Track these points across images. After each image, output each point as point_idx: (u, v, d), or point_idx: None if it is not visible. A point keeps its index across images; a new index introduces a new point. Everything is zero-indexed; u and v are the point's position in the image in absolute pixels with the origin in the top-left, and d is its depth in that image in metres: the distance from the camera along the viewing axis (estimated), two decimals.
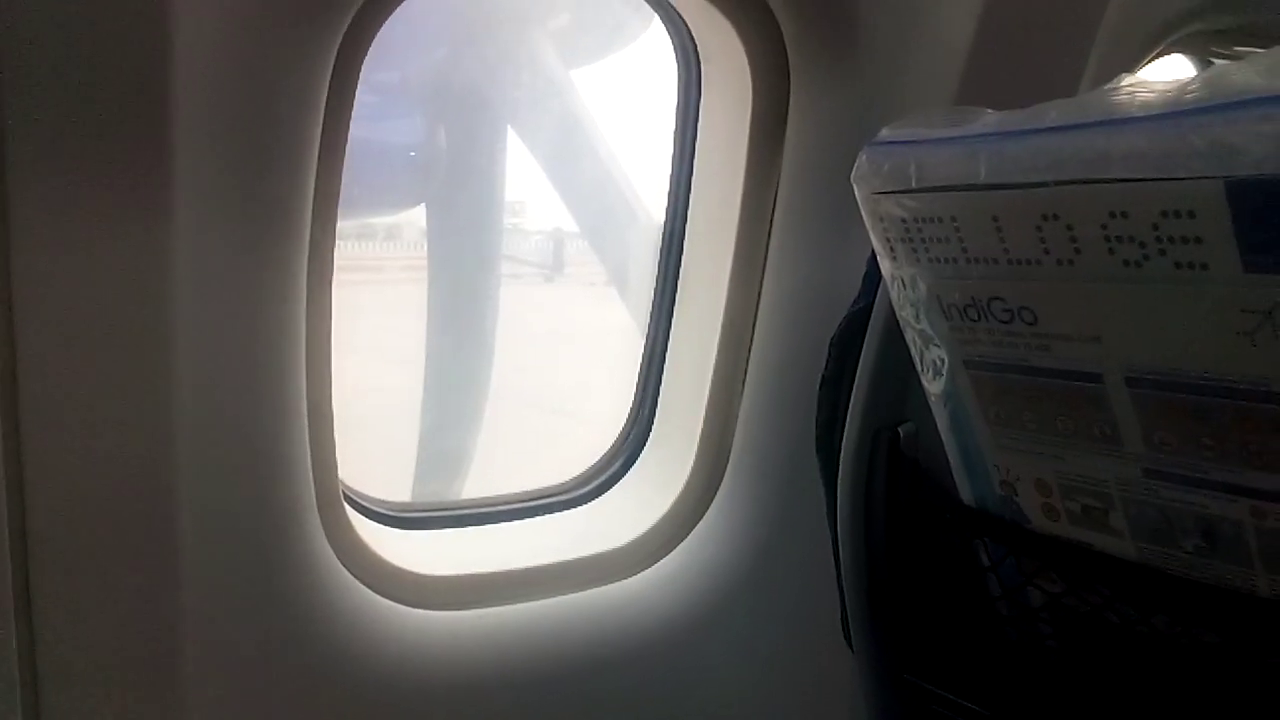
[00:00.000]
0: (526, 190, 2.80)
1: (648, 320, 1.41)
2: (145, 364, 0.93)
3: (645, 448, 1.40)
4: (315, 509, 1.10)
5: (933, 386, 0.80)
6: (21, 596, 0.94)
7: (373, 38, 1.03)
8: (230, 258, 0.98)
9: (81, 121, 0.86)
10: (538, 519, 1.37)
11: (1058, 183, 0.63)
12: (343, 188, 1.09)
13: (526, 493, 1.40)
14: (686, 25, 1.25)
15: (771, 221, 1.24)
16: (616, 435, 1.44)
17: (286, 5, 0.93)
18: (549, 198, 2.78)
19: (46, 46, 0.83)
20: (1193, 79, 0.60)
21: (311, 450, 1.10)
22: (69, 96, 0.85)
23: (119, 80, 0.86)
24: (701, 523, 1.33)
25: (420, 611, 1.18)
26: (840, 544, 1.00)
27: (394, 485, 1.48)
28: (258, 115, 0.96)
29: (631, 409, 1.43)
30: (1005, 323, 0.70)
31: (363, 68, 1.05)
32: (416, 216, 2.75)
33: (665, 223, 1.36)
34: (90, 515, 0.94)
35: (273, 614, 1.08)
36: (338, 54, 0.98)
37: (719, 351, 1.29)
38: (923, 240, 0.72)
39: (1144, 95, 0.63)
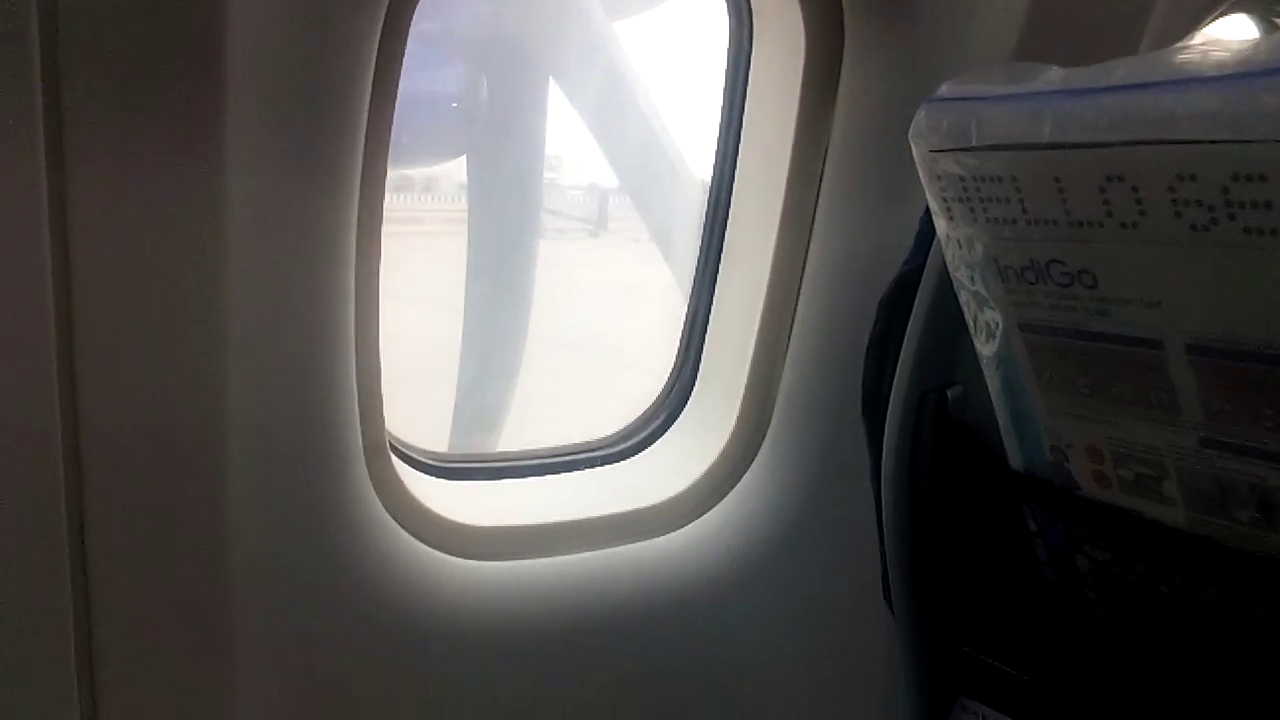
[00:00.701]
0: (571, 144, 2.79)
1: (691, 277, 1.40)
2: (198, 313, 0.94)
3: (687, 405, 1.40)
4: (362, 458, 1.11)
5: (985, 349, 0.79)
6: (76, 544, 0.96)
7: None
8: (281, 209, 0.99)
9: (136, 73, 0.86)
10: (579, 473, 1.38)
11: (1124, 143, 0.61)
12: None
13: (568, 447, 1.41)
14: None
15: (821, 179, 1.23)
16: (658, 392, 1.44)
17: None
18: (592, 152, 2.77)
19: (103, 9, 0.83)
20: (1264, 39, 0.58)
21: (359, 400, 1.11)
22: (124, 47, 0.85)
23: (173, 31, 0.86)
24: (743, 481, 1.33)
25: (464, 561, 1.20)
26: (883, 505, 1.00)
27: (432, 436, 1.49)
28: (309, 65, 0.95)
29: (674, 366, 1.43)
30: (1064, 286, 0.69)
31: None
32: (454, 170, 2.76)
33: (712, 177, 1.35)
34: (142, 464, 0.96)
35: (321, 559, 1.10)
36: (389, 3, 0.98)
37: (764, 310, 1.29)
38: (981, 200, 0.71)
39: (1215, 55, 0.61)
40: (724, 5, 1.28)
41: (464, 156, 2.57)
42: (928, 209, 0.79)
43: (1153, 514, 0.73)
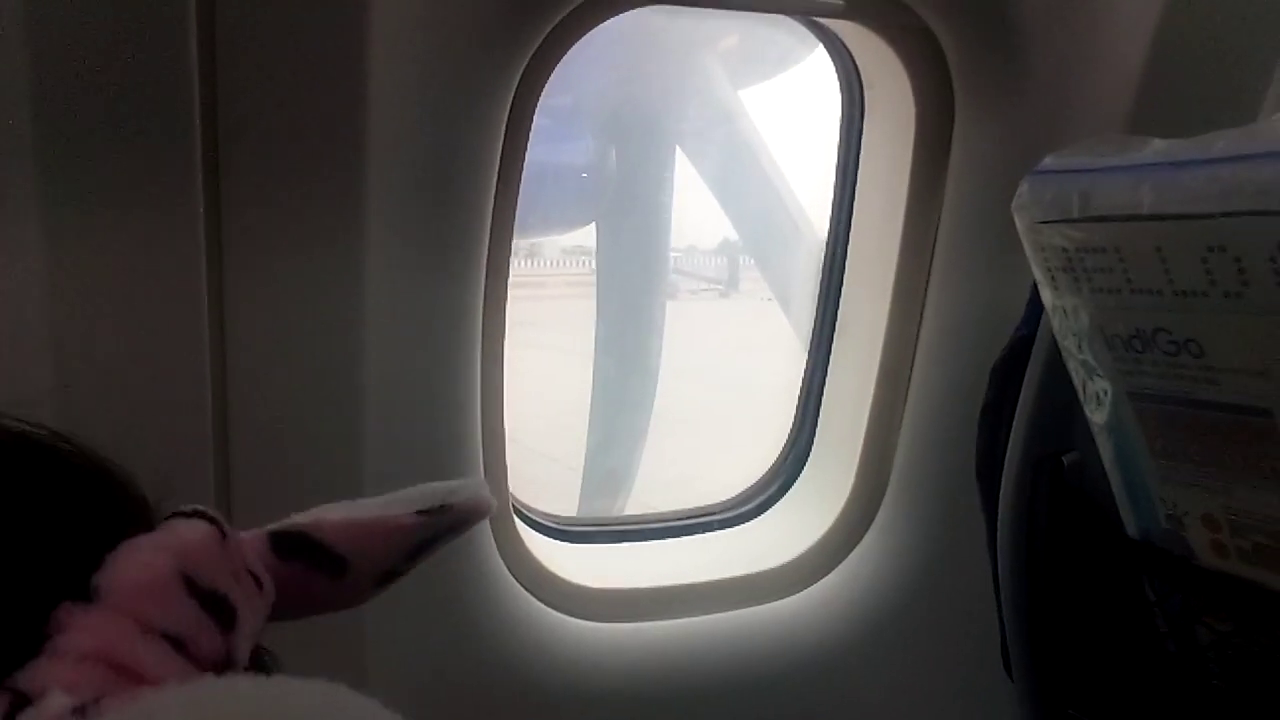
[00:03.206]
0: (699, 210, 2.84)
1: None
2: (339, 380, 1.01)
3: (804, 470, 1.41)
4: (488, 521, 1.16)
5: (1096, 417, 0.79)
6: None
7: (552, 69, 1.08)
8: (413, 286, 1.05)
9: (286, 157, 0.94)
10: (698, 537, 1.40)
11: (1225, 214, 0.62)
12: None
13: (686, 510, 1.43)
14: (849, 52, 1.25)
15: (934, 247, 1.24)
16: (776, 456, 1.46)
17: (474, 42, 0.99)
18: (720, 217, 2.81)
19: (260, 94, 0.92)
20: None
21: (484, 466, 1.16)
22: (276, 135, 0.93)
23: (320, 118, 0.94)
24: (859, 546, 1.33)
25: (583, 622, 1.23)
26: (1001, 573, 0.99)
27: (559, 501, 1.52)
28: (442, 144, 1.02)
29: (791, 430, 1.45)
30: (1171, 355, 0.69)
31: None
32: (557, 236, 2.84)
33: (827, 246, 1.37)
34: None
35: (447, 619, 1.14)
36: (519, 83, 1.04)
37: (879, 376, 1.29)
38: (1085, 270, 0.72)
39: None
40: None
41: (593, 224, 2.64)
42: None
43: (1274, 584, 0.71)
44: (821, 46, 1.33)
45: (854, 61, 1.25)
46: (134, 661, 0.38)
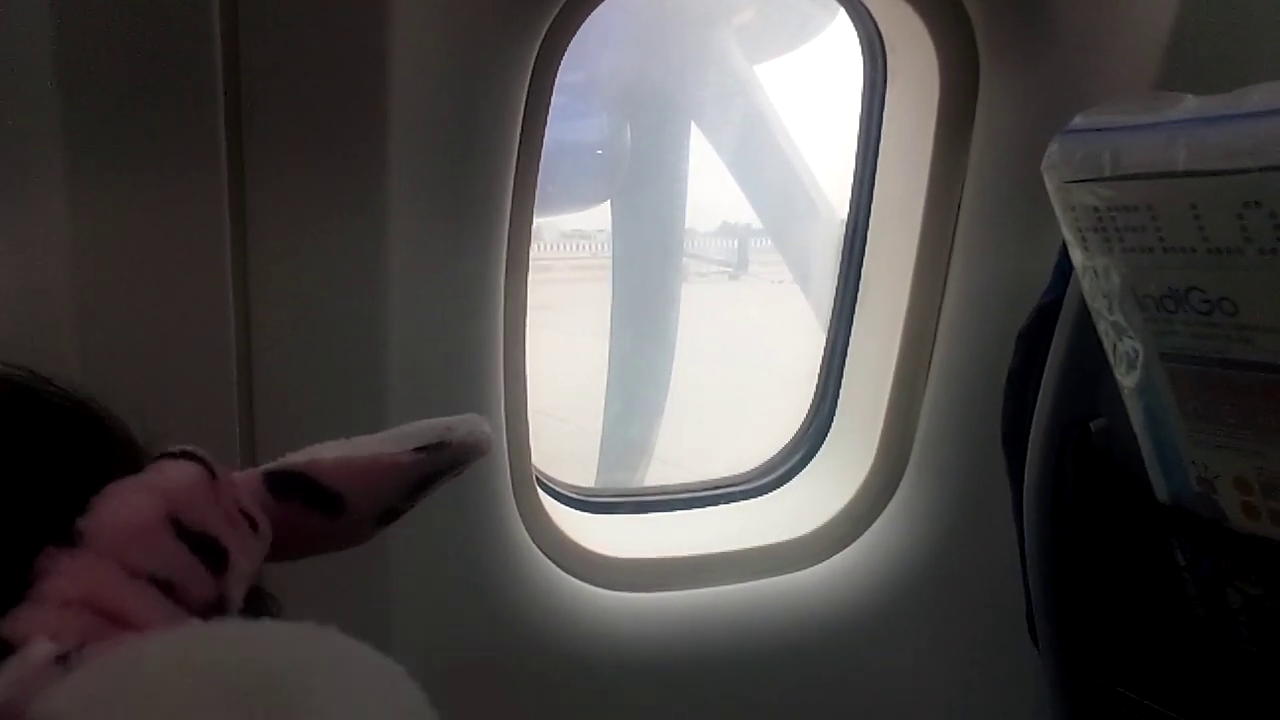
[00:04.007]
0: (712, 187, 2.84)
1: (829, 314, 1.41)
2: (361, 352, 1.01)
3: (825, 441, 1.41)
4: (511, 491, 1.16)
5: (1126, 380, 0.78)
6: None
7: (569, 42, 1.08)
8: (434, 254, 1.05)
9: (309, 128, 0.94)
10: (720, 508, 1.40)
11: (1261, 169, 0.61)
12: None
13: (708, 481, 1.43)
14: (872, 17, 1.24)
15: (958, 214, 1.23)
16: (796, 428, 1.45)
17: (490, 14, 0.99)
18: (734, 195, 2.80)
19: (283, 66, 0.92)
20: None
21: (507, 437, 1.16)
22: (299, 107, 0.93)
23: (343, 89, 0.94)
24: (883, 515, 1.33)
25: (606, 592, 1.23)
26: (1027, 541, 0.99)
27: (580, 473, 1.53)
28: (462, 119, 1.01)
29: (812, 402, 1.44)
30: (1204, 314, 0.69)
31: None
32: (557, 221, 2.85)
33: (848, 215, 1.36)
34: None
35: (471, 587, 1.15)
36: (536, 57, 1.03)
37: (901, 344, 1.29)
38: (1116, 230, 0.71)
39: None
40: (857, 44, 1.30)
41: (608, 202, 2.64)
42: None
43: None
44: (840, 16, 1.32)
45: (876, 26, 1.24)
46: (120, 606, 0.37)
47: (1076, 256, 0.77)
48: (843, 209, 1.39)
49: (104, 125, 0.88)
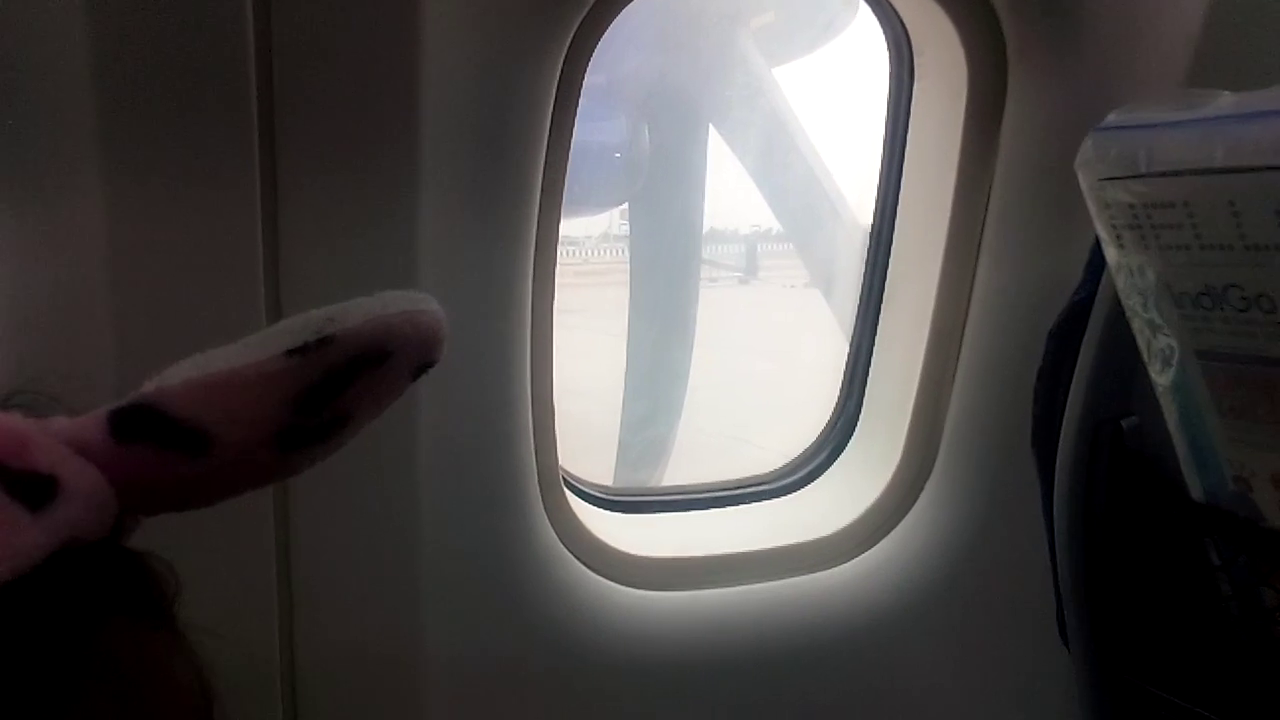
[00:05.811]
0: (728, 191, 2.84)
1: (852, 317, 1.41)
2: None
3: (851, 440, 1.41)
4: (538, 490, 1.17)
5: (1161, 378, 0.78)
6: (284, 588, 1.05)
7: (596, 43, 1.08)
8: (463, 255, 1.06)
9: (341, 130, 0.95)
10: (745, 507, 1.40)
11: None
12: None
13: (734, 481, 1.43)
14: (899, 17, 1.24)
15: (986, 213, 1.22)
16: (821, 428, 1.45)
17: (519, 16, 0.99)
18: (751, 198, 2.80)
19: (315, 67, 0.93)
20: None
21: (534, 436, 1.16)
22: (331, 108, 0.94)
23: (374, 91, 0.95)
24: (909, 515, 1.33)
25: (634, 591, 1.23)
26: (1057, 539, 0.99)
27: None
28: (491, 121, 1.02)
29: (837, 402, 1.44)
30: (1242, 311, 0.68)
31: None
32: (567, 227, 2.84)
33: (874, 213, 1.36)
34: (343, 490, 1.04)
35: (499, 587, 1.15)
36: (564, 59, 1.04)
37: (928, 344, 1.28)
38: (1152, 227, 0.71)
39: None
40: (883, 43, 1.30)
41: (626, 204, 2.64)
42: (1098, 238, 0.78)
43: None
44: (859, 18, 1.32)
45: (904, 26, 1.24)
46: None
47: (1111, 254, 0.77)
48: (863, 210, 1.38)
49: (140, 134, 0.89)
